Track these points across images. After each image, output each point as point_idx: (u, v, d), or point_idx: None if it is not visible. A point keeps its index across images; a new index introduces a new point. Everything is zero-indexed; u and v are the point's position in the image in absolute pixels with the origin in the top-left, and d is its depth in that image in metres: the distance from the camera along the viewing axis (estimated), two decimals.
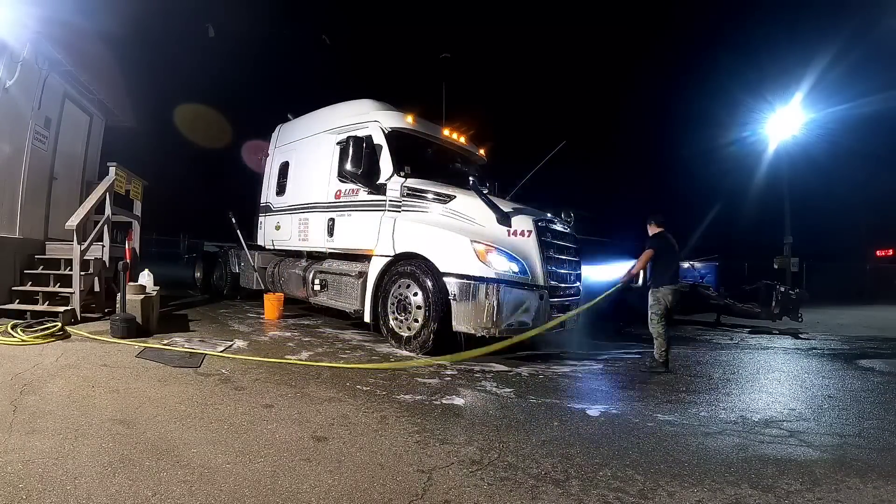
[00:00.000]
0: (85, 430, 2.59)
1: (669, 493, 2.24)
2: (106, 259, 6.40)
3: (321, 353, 5.00)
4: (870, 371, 5.47)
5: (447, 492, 2.16)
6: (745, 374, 5.23)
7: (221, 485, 2.11)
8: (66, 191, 7.45)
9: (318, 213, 6.93)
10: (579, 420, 3.29)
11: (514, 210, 5.35)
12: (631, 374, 4.92)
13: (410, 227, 5.55)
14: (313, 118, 7.74)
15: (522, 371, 4.71)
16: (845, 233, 24.70)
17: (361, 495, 2.09)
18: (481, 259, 4.94)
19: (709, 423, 3.33)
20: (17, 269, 6.02)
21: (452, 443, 2.75)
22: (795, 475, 2.48)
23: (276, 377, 3.95)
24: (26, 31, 5.85)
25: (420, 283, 5.22)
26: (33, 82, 6.31)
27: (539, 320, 5.10)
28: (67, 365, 3.88)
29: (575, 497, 2.17)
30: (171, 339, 5.12)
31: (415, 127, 6.44)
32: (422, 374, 4.30)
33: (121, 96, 8.62)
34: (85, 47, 7.12)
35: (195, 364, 4.19)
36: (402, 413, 3.22)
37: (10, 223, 6.12)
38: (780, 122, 17.25)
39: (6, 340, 4.43)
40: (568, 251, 5.80)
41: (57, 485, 2.00)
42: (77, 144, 7.82)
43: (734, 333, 8.67)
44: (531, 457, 2.61)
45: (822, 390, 4.46)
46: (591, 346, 6.25)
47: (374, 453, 2.54)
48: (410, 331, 5.27)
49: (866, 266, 23.00)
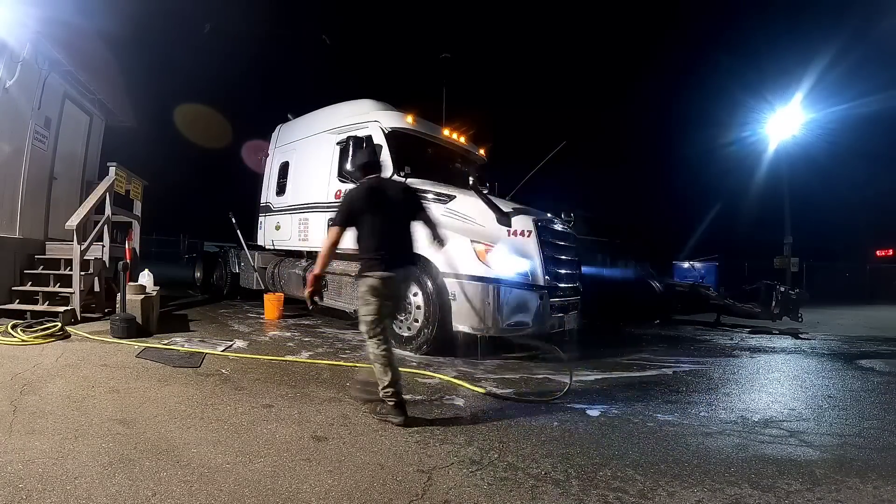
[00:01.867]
0: (85, 430, 2.59)
1: (669, 493, 2.24)
2: (106, 259, 6.40)
3: (321, 353, 5.00)
4: (870, 371, 5.47)
5: (447, 492, 2.16)
6: (745, 373, 5.23)
7: (221, 485, 2.11)
8: (66, 191, 7.45)
9: (318, 213, 6.93)
10: (579, 420, 3.29)
11: (514, 210, 5.35)
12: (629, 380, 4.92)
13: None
14: (313, 118, 7.74)
15: (522, 372, 4.70)
16: (845, 233, 24.73)
17: (361, 495, 2.09)
18: (481, 259, 4.94)
19: (709, 423, 3.33)
20: (17, 269, 6.02)
21: (452, 443, 2.75)
22: (795, 475, 2.48)
23: (276, 377, 3.95)
24: (26, 31, 5.85)
25: (420, 283, 5.21)
26: (33, 82, 6.31)
27: (539, 320, 5.10)
28: (67, 365, 3.88)
29: (575, 497, 2.17)
30: (171, 339, 5.12)
31: (415, 127, 6.44)
32: (422, 374, 4.30)
33: (121, 96, 8.63)
34: (85, 47, 7.12)
35: (195, 364, 4.19)
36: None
37: (10, 223, 6.12)
38: (780, 122, 17.27)
39: (6, 340, 4.43)
40: (568, 251, 5.80)
41: (57, 485, 2.00)
42: (77, 144, 7.83)
43: (734, 333, 8.67)
44: (531, 457, 2.60)
45: (822, 390, 4.46)
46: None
47: (374, 453, 2.54)
48: (410, 331, 5.27)
49: (866, 266, 23.00)
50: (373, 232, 3.12)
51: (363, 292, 3.08)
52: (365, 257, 3.13)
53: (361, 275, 3.13)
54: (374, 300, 3.04)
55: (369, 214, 3.12)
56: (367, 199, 3.16)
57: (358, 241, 3.19)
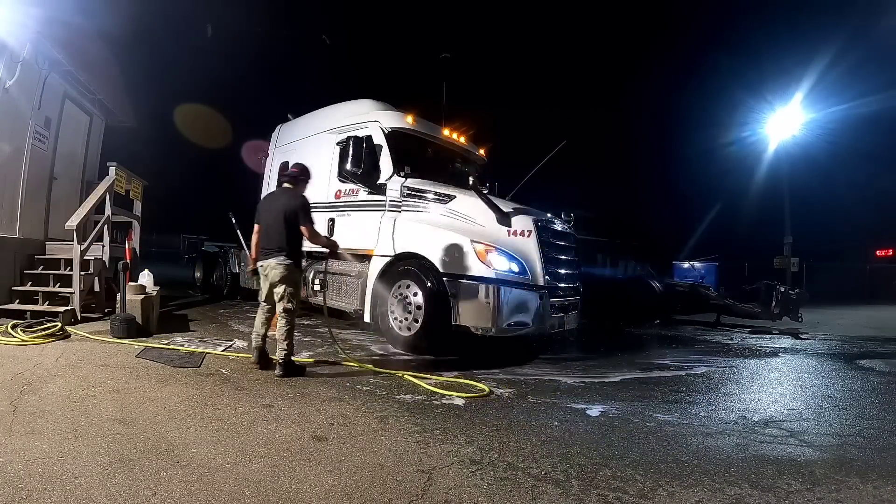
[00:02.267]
0: (85, 430, 2.59)
1: (669, 493, 2.24)
2: (106, 259, 6.41)
3: (321, 352, 5.00)
4: (870, 371, 5.47)
5: (447, 492, 2.16)
6: (745, 373, 5.23)
7: (221, 485, 2.11)
8: (66, 191, 7.45)
9: (317, 213, 6.86)
10: (579, 420, 3.29)
11: (514, 210, 5.35)
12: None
13: (410, 227, 5.54)
14: (313, 118, 7.74)
15: (522, 372, 4.71)
16: (845, 233, 24.69)
17: (361, 495, 2.09)
18: (481, 259, 4.94)
19: (709, 423, 3.33)
20: (17, 269, 6.02)
21: (452, 443, 2.75)
22: (795, 475, 2.48)
23: (275, 377, 3.94)
24: (26, 31, 5.85)
25: (420, 283, 5.21)
26: (33, 82, 6.31)
27: (538, 320, 5.10)
28: (67, 365, 3.88)
29: (575, 497, 2.17)
30: (171, 339, 5.12)
31: (415, 127, 6.44)
32: (422, 375, 4.29)
33: (121, 96, 8.63)
34: (85, 47, 7.13)
35: (195, 364, 4.19)
36: (403, 413, 3.22)
37: (10, 223, 6.12)
38: (780, 122, 17.27)
39: (6, 340, 4.43)
40: (568, 251, 5.80)
41: (57, 485, 2.00)
42: (77, 144, 7.83)
43: (734, 333, 8.67)
44: (531, 457, 2.60)
45: (822, 390, 4.46)
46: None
47: (374, 453, 2.54)
48: (410, 331, 5.27)
49: (866, 266, 22.99)
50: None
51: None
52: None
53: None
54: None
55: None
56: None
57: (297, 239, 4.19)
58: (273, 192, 4.62)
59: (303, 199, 4.26)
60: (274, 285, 4.09)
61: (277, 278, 4.03)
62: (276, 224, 4.09)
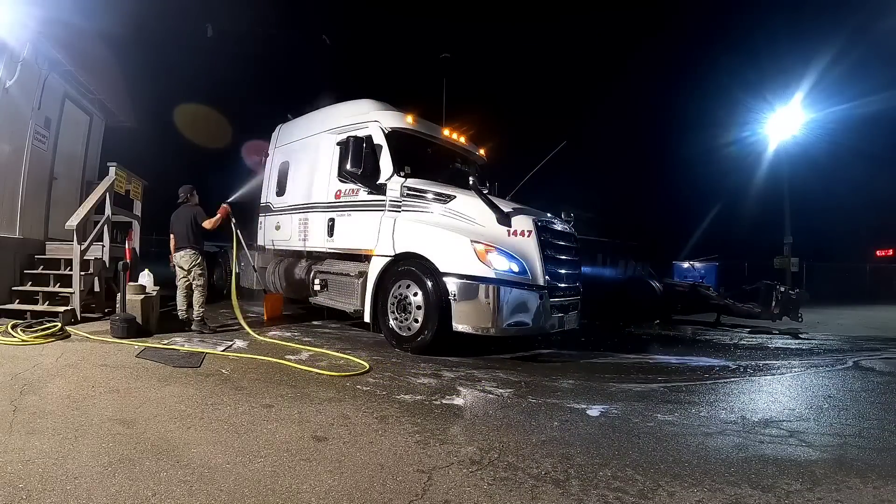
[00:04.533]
0: (85, 430, 2.59)
1: (669, 493, 2.24)
2: (106, 259, 6.41)
3: (321, 353, 4.99)
4: (870, 371, 5.46)
5: (447, 492, 2.16)
6: (744, 374, 5.23)
7: (221, 485, 2.11)
8: (66, 191, 7.45)
9: (318, 213, 6.93)
10: (579, 420, 3.29)
11: (514, 210, 5.35)
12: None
13: (410, 227, 5.55)
14: (313, 118, 7.74)
15: (522, 372, 4.70)
16: (845, 233, 24.67)
17: (361, 495, 2.09)
18: (481, 259, 4.94)
19: (709, 423, 3.33)
20: (17, 268, 6.03)
21: (452, 443, 2.75)
22: (795, 475, 2.48)
23: (276, 377, 3.95)
24: (26, 31, 5.85)
25: (420, 283, 5.22)
26: (33, 82, 6.32)
27: (539, 320, 5.10)
28: (67, 365, 3.88)
29: (575, 497, 2.17)
30: (171, 339, 5.12)
31: (415, 127, 6.44)
32: (422, 375, 4.30)
33: (121, 96, 8.64)
34: (85, 47, 7.13)
35: (195, 364, 4.19)
36: (402, 413, 3.22)
37: (10, 223, 6.12)
38: (780, 122, 17.26)
39: (6, 340, 4.43)
40: (568, 251, 5.80)
41: (57, 485, 2.00)
42: (77, 144, 7.83)
43: (734, 333, 8.67)
44: (531, 457, 2.60)
45: (821, 390, 4.46)
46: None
47: (374, 453, 2.54)
48: (410, 331, 5.27)
49: (866, 266, 22.98)
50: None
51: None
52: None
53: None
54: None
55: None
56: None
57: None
58: (177, 211, 6.08)
59: (198, 207, 6.02)
60: (190, 270, 5.81)
61: (190, 265, 5.80)
62: (184, 229, 5.85)
